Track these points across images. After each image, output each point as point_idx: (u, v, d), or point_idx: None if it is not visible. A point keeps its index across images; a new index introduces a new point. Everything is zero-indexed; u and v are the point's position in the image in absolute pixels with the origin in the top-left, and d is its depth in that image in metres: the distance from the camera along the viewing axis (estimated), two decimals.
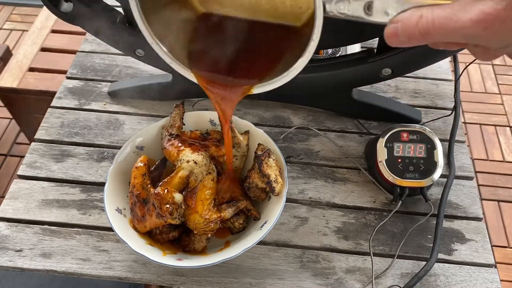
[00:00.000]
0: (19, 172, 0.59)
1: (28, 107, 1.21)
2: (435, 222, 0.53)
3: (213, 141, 0.51)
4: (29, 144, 0.63)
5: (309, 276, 0.51)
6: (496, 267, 0.52)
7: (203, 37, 0.46)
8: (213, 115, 0.56)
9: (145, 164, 0.49)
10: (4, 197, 0.73)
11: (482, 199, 1.42)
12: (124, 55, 0.72)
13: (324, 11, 0.32)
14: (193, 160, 0.47)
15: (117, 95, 0.67)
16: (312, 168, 0.60)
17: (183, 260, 0.46)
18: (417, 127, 0.57)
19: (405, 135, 0.56)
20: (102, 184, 0.51)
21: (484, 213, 1.38)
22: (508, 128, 1.59)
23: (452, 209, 0.56)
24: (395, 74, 0.55)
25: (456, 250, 0.53)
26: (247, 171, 0.52)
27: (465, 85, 1.70)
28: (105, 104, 0.67)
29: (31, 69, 1.20)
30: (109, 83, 0.68)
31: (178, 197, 0.45)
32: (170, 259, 0.46)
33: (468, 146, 1.43)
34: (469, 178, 0.59)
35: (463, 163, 0.60)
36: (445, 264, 0.52)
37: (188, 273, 0.51)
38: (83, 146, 0.62)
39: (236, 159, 0.54)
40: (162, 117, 0.63)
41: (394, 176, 0.54)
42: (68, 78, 0.70)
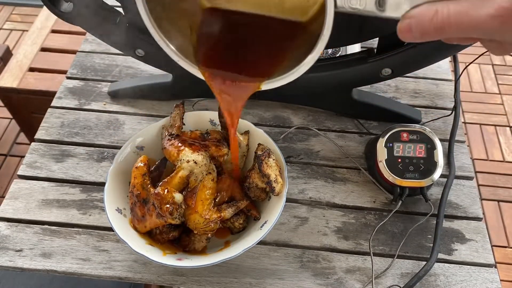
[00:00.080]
0: (19, 172, 0.59)
1: (28, 107, 1.21)
2: (435, 222, 0.53)
3: (213, 141, 0.51)
4: (29, 144, 0.63)
5: (309, 276, 0.51)
6: (496, 267, 0.52)
7: (209, 34, 0.46)
8: (213, 115, 0.56)
9: (145, 164, 0.49)
10: (4, 197, 0.73)
11: (482, 199, 1.42)
12: (124, 55, 0.72)
13: (335, 6, 0.31)
14: (193, 160, 0.47)
15: (117, 95, 0.67)
16: (312, 168, 0.60)
17: (183, 260, 0.46)
18: (417, 127, 0.57)
19: (405, 135, 0.56)
20: (102, 184, 0.51)
21: (484, 213, 1.38)
22: (508, 128, 1.59)
23: (452, 209, 0.56)
24: (395, 74, 0.55)
25: (456, 250, 0.53)
26: (247, 171, 0.52)
27: (465, 85, 1.70)
28: (105, 104, 0.67)
29: (31, 69, 1.20)
30: (109, 83, 0.68)
31: (178, 197, 0.45)
32: (170, 259, 0.46)
33: (468, 146, 1.43)
34: (469, 178, 0.59)
35: (463, 163, 0.60)
36: (445, 264, 0.52)
37: (188, 273, 0.51)
38: (83, 146, 0.62)
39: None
40: (162, 117, 0.63)
41: (394, 176, 0.54)
42: (68, 78, 0.70)
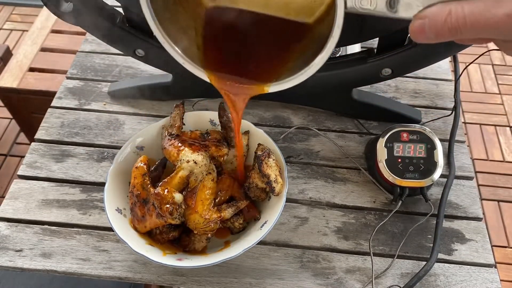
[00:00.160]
0: (19, 172, 0.59)
1: (28, 107, 1.21)
2: (435, 222, 0.53)
3: (213, 141, 0.51)
4: (29, 144, 0.63)
5: (309, 276, 0.51)
6: (496, 267, 0.52)
7: (215, 36, 0.46)
8: (213, 115, 0.56)
9: (145, 164, 0.49)
10: (4, 197, 0.73)
11: (482, 199, 1.42)
12: (124, 55, 0.72)
13: (345, 7, 0.31)
14: (193, 160, 0.47)
15: (117, 95, 0.67)
16: (312, 168, 0.60)
17: (183, 260, 0.46)
18: (417, 127, 0.57)
19: (405, 135, 0.56)
20: (102, 184, 0.51)
21: (484, 213, 1.38)
22: (508, 128, 1.59)
23: (452, 209, 0.56)
24: (395, 74, 0.55)
25: (456, 250, 0.53)
26: (247, 171, 0.52)
27: (465, 85, 1.70)
28: (105, 104, 0.67)
29: (31, 69, 1.20)
30: (109, 83, 0.68)
31: (178, 197, 0.45)
32: (170, 259, 0.46)
33: (468, 146, 1.43)
34: (469, 178, 0.59)
35: (463, 163, 0.60)
36: (445, 264, 0.52)
37: (188, 273, 0.51)
38: (83, 146, 0.62)
39: (237, 159, 0.54)
40: (162, 117, 0.63)
41: (394, 176, 0.54)
42: (68, 78, 0.70)
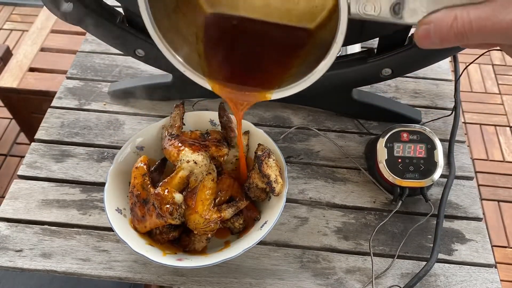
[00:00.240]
0: (19, 172, 0.59)
1: (28, 107, 1.21)
2: (435, 222, 0.53)
3: (213, 141, 0.51)
4: (29, 144, 0.63)
5: (309, 276, 0.51)
6: (496, 267, 0.52)
7: (216, 43, 0.45)
8: (213, 115, 0.56)
9: (145, 164, 0.49)
10: (4, 197, 0.73)
11: (482, 199, 1.42)
12: (124, 55, 0.72)
13: (349, 13, 0.30)
14: (193, 160, 0.47)
15: (117, 95, 0.67)
16: (312, 168, 0.60)
17: (183, 260, 0.46)
18: (417, 127, 0.57)
19: (405, 135, 0.56)
20: (102, 184, 0.51)
21: (484, 213, 1.38)
22: (508, 128, 1.59)
23: (452, 209, 0.56)
24: (395, 74, 0.55)
25: (456, 250, 0.53)
26: (247, 171, 0.52)
27: (465, 85, 1.70)
28: (105, 104, 0.67)
29: (31, 69, 1.20)
30: (109, 83, 0.68)
31: (178, 197, 0.45)
32: (170, 259, 0.46)
33: (468, 146, 1.43)
34: (469, 178, 0.59)
35: (463, 163, 0.60)
36: (445, 264, 0.52)
37: (188, 273, 0.51)
38: (83, 146, 0.62)
39: (236, 159, 0.54)
40: (162, 117, 0.63)
41: (394, 176, 0.54)
42: (68, 78, 0.70)
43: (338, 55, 0.67)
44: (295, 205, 0.56)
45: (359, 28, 0.48)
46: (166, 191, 0.45)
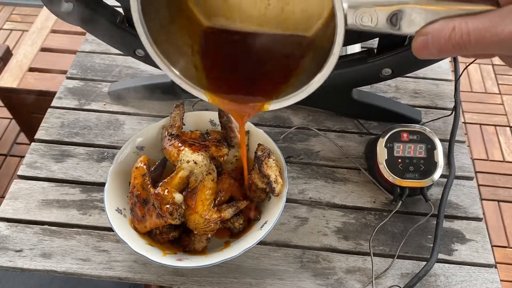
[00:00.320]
0: (19, 172, 0.59)
1: (28, 107, 1.21)
2: (435, 222, 0.53)
3: (213, 141, 0.51)
4: (29, 144, 0.63)
5: (309, 276, 0.51)
6: (496, 267, 0.52)
7: (212, 55, 0.45)
8: (213, 115, 0.56)
9: (145, 164, 0.49)
10: (4, 197, 0.73)
11: (482, 199, 1.42)
12: (124, 55, 0.72)
13: (346, 24, 0.30)
14: (193, 160, 0.47)
15: (117, 95, 0.67)
16: (312, 168, 0.60)
17: (183, 260, 0.46)
18: (417, 127, 0.57)
19: (405, 135, 0.56)
20: (102, 184, 0.51)
21: (484, 213, 1.38)
22: (508, 128, 1.59)
23: (452, 209, 0.56)
24: (395, 74, 0.55)
25: (456, 250, 0.53)
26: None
27: (465, 85, 1.70)
28: (105, 104, 0.67)
29: (31, 69, 1.20)
30: (109, 83, 0.68)
31: (178, 197, 0.45)
32: (170, 259, 0.46)
33: (468, 146, 1.43)
34: (469, 178, 0.59)
35: (463, 163, 0.60)
36: (445, 264, 0.52)
37: (188, 273, 0.51)
38: (83, 146, 0.62)
39: (236, 159, 0.54)
40: (162, 117, 0.63)
41: (394, 176, 0.54)
42: (68, 78, 0.70)
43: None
44: (295, 205, 0.56)
45: None
46: (166, 191, 0.45)
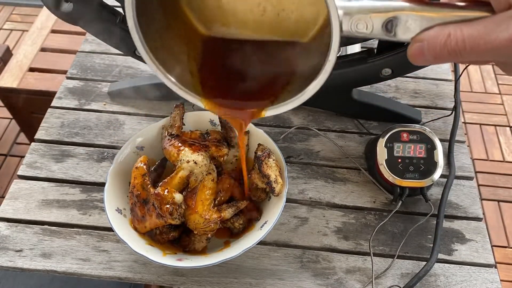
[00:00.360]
0: (19, 172, 0.59)
1: (28, 107, 1.21)
2: (435, 222, 0.53)
3: (213, 141, 0.51)
4: (29, 144, 0.63)
5: (309, 276, 0.51)
6: (496, 267, 0.52)
7: (209, 61, 0.45)
8: (213, 115, 0.56)
9: (145, 164, 0.49)
10: (4, 197, 0.73)
11: (482, 199, 1.42)
12: (124, 55, 0.72)
13: (341, 30, 0.30)
14: (193, 160, 0.47)
15: (117, 95, 0.67)
16: (312, 168, 0.60)
17: (183, 260, 0.46)
18: (417, 127, 0.57)
19: (405, 135, 0.56)
20: (102, 184, 0.51)
21: (484, 213, 1.38)
22: (508, 128, 1.59)
23: (452, 209, 0.56)
24: (395, 74, 0.55)
25: (456, 250, 0.53)
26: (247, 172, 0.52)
27: (465, 85, 1.70)
28: (105, 104, 0.67)
29: (31, 69, 1.20)
30: (109, 83, 0.68)
31: (178, 197, 0.45)
32: (170, 259, 0.46)
33: (468, 146, 1.43)
34: (469, 178, 0.59)
35: (463, 163, 0.60)
36: (445, 264, 0.52)
37: (188, 273, 0.51)
38: (83, 146, 0.62)
39: (236, 159, 0.54)
40: (162, 117, 0.63)
41: (394, 176, 0.54)
42: (68, 78, 0.70)
43: (338, 55, 0.67)
44: (295, 205, 0.56)
45: None
46: (166, 191, 0.45)
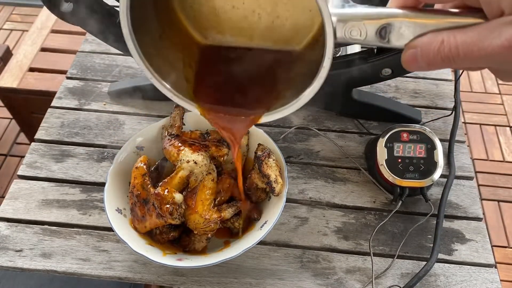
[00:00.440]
0: (19, 172, 0.59)
1: (28, 107, 1.21)
2: (435, 222, 0.53)
3: (213, 141, 0.51)
4: (29, 144, 0.63)
5: (309, 276, 0.51)
6: (496, 267, 0.52)
7: (205, 69, 0.44)
8: None
9: (145, 164, 0.49)
10: (4, 197, 0.73)
11: (482, 199, 1.42)
12: (124, 55, 0.72)
13: (335, 37, 0.30)
14: (193, 160, 0.47)
15: (117, 95, 0.67)
16: (312, 168, 0.60)
17: (183, 260, 0.46)
18: (417, 127, 0.57)
19: (405, 135, 0.56)
20: (102, 184, 0.51)
21: (484, 213, 1.38)
22: (508, 128, 1.59)
23: (452, 209, 0.56)
24: (395, 74, 0.55)
25: (456, 250, 0.53)
26: (247, 171, 0.52)
27: (465, 85, 1.70)
28: (105, 104, 0.67)
29: (31, 69, 1.20)
30: (109, 83, 0.68)
31: (178, 197, 0.45)
32: (170, 259, 0.46)
33: (468, 146, 1.43)
34: (469, 178, 0.59)
35: (463, 163, 0.60)
36: (445, 264, 0.52)
37: (188, 273, 0.51)
38: (83, 146, 0.62)
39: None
40: (162, 117, 0.63)
41: (394, 176, 0.54)
42: (68, 78, 0.70)
43: (338, 55, 0.68)
44: (295, 205, 0.56)
45: None
46: (166, 191, 0.45)
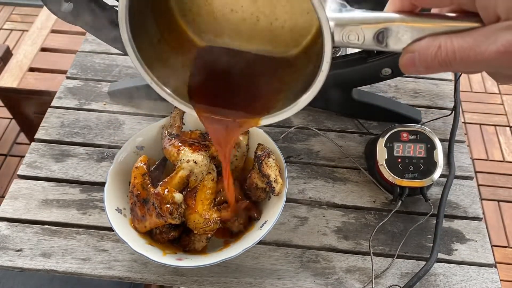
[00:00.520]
0: (19, 172, 0.59)
1: (28, 107, 1.21)
2: (435, 222, 0.53)
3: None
4: (29, 144, 0.64)
5: (309, 276, 0.51)
6: (496, 267, 0.52)
7: (205, 73, 0.44)
8: None
9: (145, 164, 0.49)
10: (4, 197, 0.73)
11: (482, 199, 1.42)
12: (124, 55, 0.72)
13: (333, 41, 0.30)
14: (193, 160, 0.47)
15: (117, 95, 0.67)
16: (312, 168, 0.60)
17: (183, 260, 0.46)
18: (417, 127, 0.57)
19: (405, 135, 0.56)
20: (102, 184, 0.51)
21: (484, 213, 1.38)
22: (508, 128, 1.59)
23: (452, 209, 0.56)
24: (395, 74, 0.55)
25: (456, 250, 0.53)
26: (247, 171, 0.52)
27: (465, 85, 1.70)
28: (105, 104, 0.67)
29: (31, 69, 1.20)
30: (109, 83, 0.68)
31: (178, 197, 0.45)
32: (170, 259, 0.46)
33: (468, 146, 1.43)
34: (469, 178, 0.59)
35: (463, 163, 0.60)
36: (445, 264, 0.52)
37: (188, 273, 0.51)
38: (83, 146, 0.62)
39: (236, 159, 0.54)
40: (162, 117, 0.63)
41: (394, 176, 0.54)
42: (68, 78, 0.70)
43: (338, 55, 0.68)
44: (295, 205, 0.56)
45: None
46: (166, 190, 0.45)
